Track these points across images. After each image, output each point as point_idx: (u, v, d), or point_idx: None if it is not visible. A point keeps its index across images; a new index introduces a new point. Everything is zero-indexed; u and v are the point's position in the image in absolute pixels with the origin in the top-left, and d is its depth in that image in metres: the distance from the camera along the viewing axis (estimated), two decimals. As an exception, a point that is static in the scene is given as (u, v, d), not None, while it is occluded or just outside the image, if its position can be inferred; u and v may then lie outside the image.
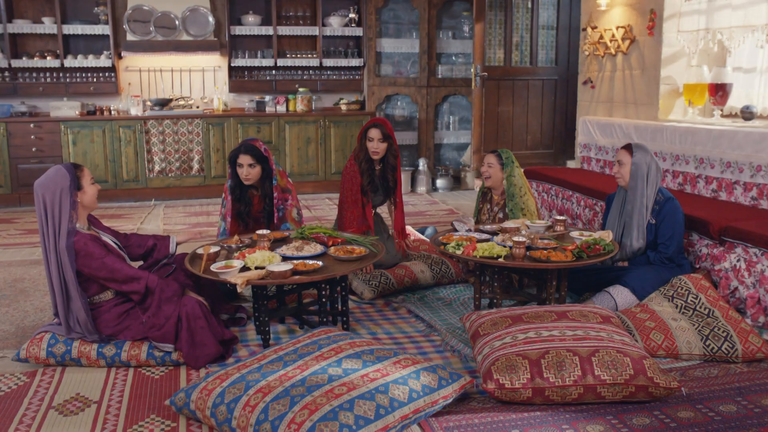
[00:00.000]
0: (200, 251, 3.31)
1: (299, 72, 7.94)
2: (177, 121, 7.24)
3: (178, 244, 3.53)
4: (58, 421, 2.56)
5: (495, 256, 3.29)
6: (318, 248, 3.38)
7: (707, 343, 3.07)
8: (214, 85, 7.80)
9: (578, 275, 3.82)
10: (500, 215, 4.21)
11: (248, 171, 3.86)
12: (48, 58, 7.12)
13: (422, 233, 5.05)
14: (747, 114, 4.64)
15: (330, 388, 2.37)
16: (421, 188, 7.94)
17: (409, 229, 4.93)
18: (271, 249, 3.37)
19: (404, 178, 7.86)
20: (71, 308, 3.00)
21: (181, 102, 7.57)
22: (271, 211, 3.99)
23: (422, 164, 7.98)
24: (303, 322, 3.54)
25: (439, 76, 8.18)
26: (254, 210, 4.03)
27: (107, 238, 3.22)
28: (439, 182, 8.10)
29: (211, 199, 7.41)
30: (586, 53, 6.27)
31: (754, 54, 4.92)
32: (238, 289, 2.91)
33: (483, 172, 4.18)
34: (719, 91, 4.90)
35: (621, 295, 3.51)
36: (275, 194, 3.93)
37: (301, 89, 7.78)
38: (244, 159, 3.85)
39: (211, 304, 3.42)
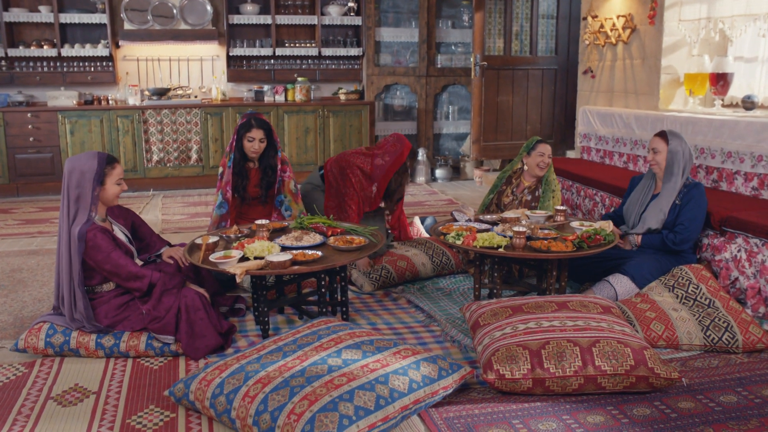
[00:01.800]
0: (199, 241, 3.29)
1: (298, 61, 7.90)
2: (175, 111, 7.20)
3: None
4: (57, 411, 2.55)
5: (495, 246, 3.27)
6: (317, 238, 3.36)
7: (708, 334, 3.07)
8: (212, 74, 7.75)
9: (579, 264, 3.81)
10: (528, 197, 4.17)
11: (259, 145, 3.87)
12: (45, 47, 7.07)
13: (422, 222, 5.04)
14: (748, 104, 4.62)
15: (330, 379, 2.36)
16: (420, 178, 7.92)
17: (415, 221, 4.96)
18: (270, 239, 3.36)
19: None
20: (75, 296, 2.98)
21: (179, 91, 7.52)
22: (271, 182, 3.99)
23: (421, 154, 7.96)
24: (302, 313, 3.53)
25: (439, 66, 8.13)
26: (251, 183, 4.01)
27: (119, 231, 3.20)
28: (438, 172, 8.08)
29: (210, 189, 7.38)
30: (587, 42, 6.23)
31: (755, 43, 4.89)
32: (237, 279, 2.89)
33: (540, 163, 4.09)
34: (720, 81, 4.87)
35: (620, 283, 3.50)
36: (279, 165, 3.95)
37: (299, 79, 7.73)
38: (257, 133, 3.84)
39: (210, 296, 3.41)
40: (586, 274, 3.84)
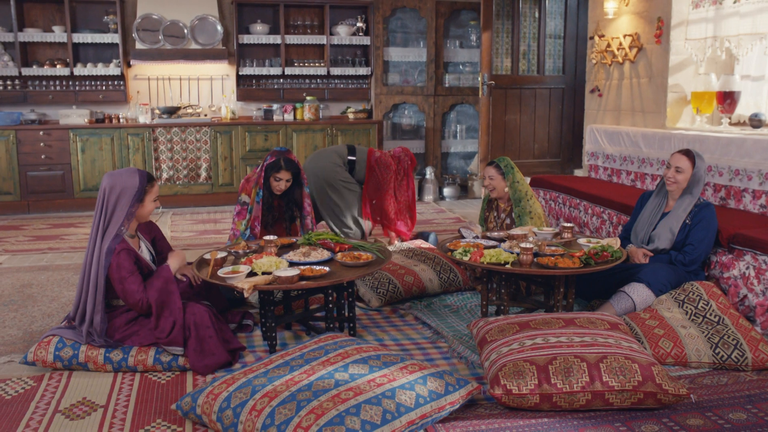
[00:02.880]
0: (207, 257, 3.31)
1: (307, 80, 7.97)
2: (185, 129, 7.27)
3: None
4: (65, 425, 2.55)
5: (502, 262, 3.28)
6: (325, 254, 3.38)
7: (717, 351, 3.05)
8: (222, 93, 7.84)
9: (586, 281, 3.81)
10: (507, 221, 4.21)
11: (285, 185, 4.05)
12: (58, 66, 7.18)
13: (426, 238, 5.11)
14: (755, 122, 4.62)
15: (336, 393, 2.36)
16: (428, 197, 7.94)
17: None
18: (278, 255, 3.38)
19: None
20: (96, 308, 3.01)
21: (189, 110, 7.61)
22: (294, 217, 4.20)
23: (429, 173, 7.99)
24: (310, 329, 3.53)
25: (447, 85, 8.19)
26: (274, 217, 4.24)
27: (145, 249, 3.24)
28: (446, 191, 8.10)
29: (219, 207, 7.43)
30: (594, 62, 6.27)
31: (762, 62, 4.91)
32: (245, 294, 2.91)
33: (486, 185, 4.20)
34: (727, 99, 4.88)
35: (637, 292, 3.48)
36: (305, 200, 4.18)
37: (308, 98, 7.80)
38: (285, 174, 4.02)
39: (219, 312, 3.43)
40: (593, 290, 3.83)
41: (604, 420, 2.57)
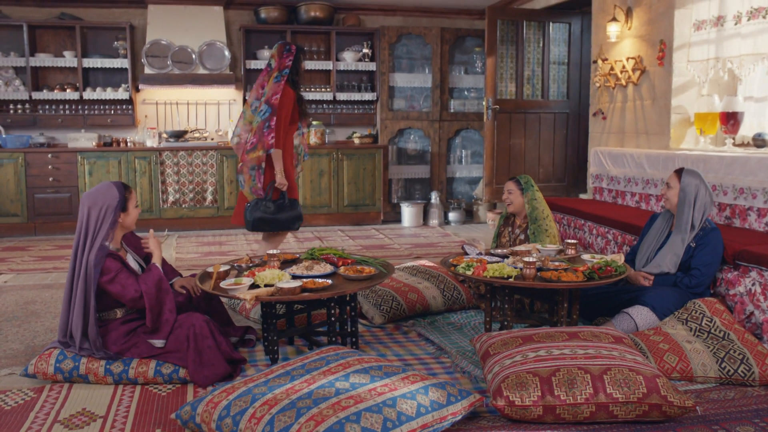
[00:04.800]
0: (210, 269, 3.31)
1: (313, 105, 8.04)
2: (191, 153, 7.33)
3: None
4: (63, 434, 2.54)
5: (505, 276, 3.26)
6: (328, 268, 3.37)
7: (723, 366, 3.01)
8: (229, 118, 7.91)
9: (591, 301, 3.78)
10: (521, 237, 4.19)
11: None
12: (68, 90, 7.28)
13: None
14: (759, 141, 4.63)
15: (337, 401, 2.33)
16: (434, 221, 7.94)
17: None
18: (281, 269, 3.37)
19: (416, 211, 7.89)
20: (89, 323, 3.00)
21: (196, 134, 7.67)
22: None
23: (435, 197, 8.00)
24: (312, 343, 3.51)
25: (452, 111, 8.25)
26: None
27: (132, 260, 3.23)
28: (452, 215, 8.11)
29: (225, 230, 7.45)
30: (597, 85, 6.31)
31: (765, 82, 4.93)
32: (247, 305, 2.90)
33: (504, 199, 4.24)
34: (731, 120, 4.89)
35: (641, 315, 3.45)
36: None
37: (314, 122, 7.86)
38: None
39: (220, 326, 3.42)
40: (598, 309, 3.80)
41: (608, 432, 2.53)
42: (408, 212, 7.88)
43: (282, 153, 4.36)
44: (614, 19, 5.86)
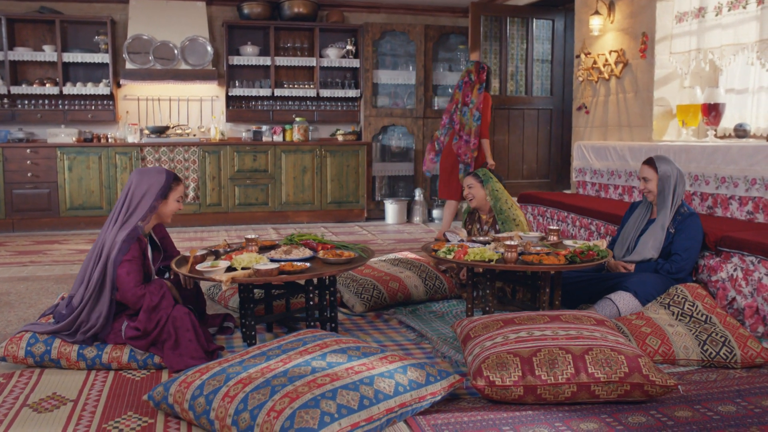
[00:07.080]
0: (186, 254, 3.26)
1: (296, 102, 8.00)
2: (173, 149, 7.25)
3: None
4: (32, 417, 2.46)
5: (486, 259, 3.23)
6: (307, 252, 3.32)
7: (705, 348, 2.99)
8: (211, 114, 7.84)
9: (572, 287, 3.76)
10: (491, 233, 4.18)
11: None
12: (47, 85, 7.18)
13: None
14: (740, 132, 4.64)
15: (312, 378, 2.28)
16: (417, 218, 7.91)
17: None
18: (260, 254, 3.32)
19: (400, 208, 7.85)
20: (98, 303, 2.94)
21: (178, 130, 7.60)
22: None
23: (418, 194, 7.97)
24: (291, 330, 3.46)
25: (436, 108, 8.23)
26: None
27: (150, 251, 3.19)
28: (435, 212, 8.08)
29: (206, 227, 7.37)
30: (580, 79, 6.31)
31: (745, 74, 4.95)
32: (223, 287, 2.84)
33: (466, 195, 4.23)
34: (712, 112, 4.91)
35: (623, 300, 3.43)
36: None
37: (297, 119, 7.81)
38: None
39: (198, 315, 3.36)
40: (580, 297, 3.77)
41: (590, 412, 2.49)
42: (392, 209, 7.84)
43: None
44: (597, 13, 5.87)
